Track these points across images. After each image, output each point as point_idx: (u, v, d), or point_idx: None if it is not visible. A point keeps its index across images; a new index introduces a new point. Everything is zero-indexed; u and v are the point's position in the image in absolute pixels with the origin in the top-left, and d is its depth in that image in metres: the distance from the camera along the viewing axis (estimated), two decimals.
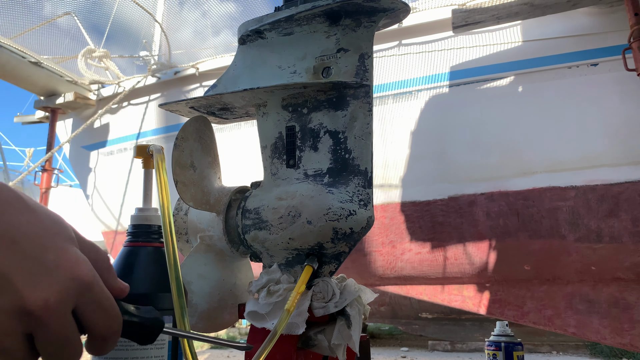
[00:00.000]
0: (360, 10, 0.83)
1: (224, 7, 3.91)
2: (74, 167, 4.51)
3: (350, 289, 0.82)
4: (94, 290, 0.42)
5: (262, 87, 0.86)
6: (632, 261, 2.25)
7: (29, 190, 8.30)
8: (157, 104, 3.69)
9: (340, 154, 0.83)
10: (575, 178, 2.32)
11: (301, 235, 0.80)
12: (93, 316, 0.42)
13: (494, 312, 2.58)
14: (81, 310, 0.42)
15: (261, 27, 0.89)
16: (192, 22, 4.16)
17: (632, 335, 2.25)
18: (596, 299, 2.35)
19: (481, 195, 2.50)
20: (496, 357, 1.31)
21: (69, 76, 4.03)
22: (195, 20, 4.12)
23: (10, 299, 0.37)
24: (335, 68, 0.84)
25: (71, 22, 4.15)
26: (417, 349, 5.71)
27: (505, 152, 2.44)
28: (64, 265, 0.40)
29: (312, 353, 0.82)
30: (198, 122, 0.91)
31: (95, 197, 4.21)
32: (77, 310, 0.41)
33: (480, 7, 2.34)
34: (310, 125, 0.86)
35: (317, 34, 0.87)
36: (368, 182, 0.82)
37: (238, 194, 0.92)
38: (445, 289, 2.75)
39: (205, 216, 0.92)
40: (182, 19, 4.27)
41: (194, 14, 4.13)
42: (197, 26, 4.15)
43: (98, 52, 4.06)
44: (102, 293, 0.43)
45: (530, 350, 5.24)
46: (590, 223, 2.28)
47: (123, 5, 4.16)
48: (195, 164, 0.89)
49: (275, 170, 0.89)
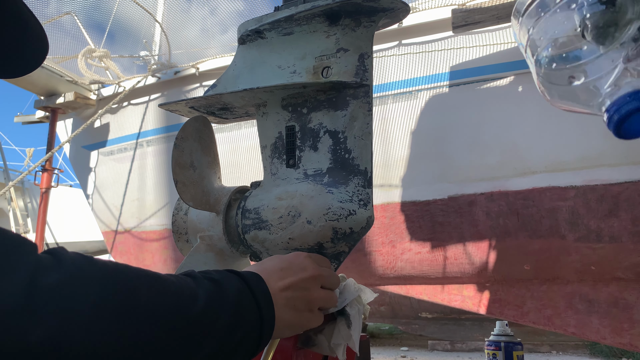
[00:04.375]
0: (360, 10, 0.83)
1: (227, 5, 3.90)
2: (74, 167, 4.51)
3: (350, 288, 0.82)
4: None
5: (261, 87, 0.86)
6: (632, 261, 2.25)
7: (29, 190, 8.30)
8: (157, 104, 3.70)
9: (340, 153, 0.83)
10: (575, 178, 2.32)
11: (301, 235, 0.80)
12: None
13: (494, 311, 2.58)
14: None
15: (261, 27, 0.90)
16: (199, 19, 4.15)
17: (632, 334, 2.25)
18: (596, 299, 2.35)
19: (481, 195, 2.50)
20: (496, 356, 1.31)
21: (69, 76, 4.03)
22: (202, 17, 4.12)
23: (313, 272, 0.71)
24: (335, 68, 0.84)
25: (71, 21, 4.15)
26: (417, 349, 5.71)
27: (505, 152, 2.44)
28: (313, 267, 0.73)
29: (312, 353, 0.83)
30: (198, 122, 0.91)
31: (96, 197, 4.21)
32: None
33: (480, 7, 2.34)
34: (310, 125, 0.86)
35: (317, 33, 0.87)
36: (368, 181, 0.83)
37: (238, 193, 0.93)
38: (445, 289, 2.75)
39: (205, 216, 0.93)
40: (185, 17, 4.26)
41: (201, 11, 4.13)
42: (204, 24, 4.15)
43: (98, 52, 4.06)
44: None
45: (530, 350, 5.24)
46: (590, 223, 2.28)
47: (123, 5, 4.16)
48: (195, 164, 0.89)
49: (275, 170, 0.89)
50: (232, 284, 0.60)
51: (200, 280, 0.58)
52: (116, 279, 0.49)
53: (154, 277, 0.54)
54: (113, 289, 0.48)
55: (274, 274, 0.66)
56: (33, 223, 7.41)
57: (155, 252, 3.90)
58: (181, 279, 0.57)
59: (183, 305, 0.53)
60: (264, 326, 0.61)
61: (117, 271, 0.50)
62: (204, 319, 0.54)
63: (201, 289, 0.56)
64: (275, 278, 0.65)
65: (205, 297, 0.56)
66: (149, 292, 0.51)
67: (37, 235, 4.66)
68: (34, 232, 5.54)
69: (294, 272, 0.68)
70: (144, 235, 3.96)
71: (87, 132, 3.98)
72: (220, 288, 0.58)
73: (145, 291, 0.50)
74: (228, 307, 0.57)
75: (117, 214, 4.07)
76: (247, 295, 0.61)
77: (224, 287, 0.59)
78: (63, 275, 0.45)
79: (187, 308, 0.53)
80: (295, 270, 0.68)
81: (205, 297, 0.56)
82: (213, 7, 3.97)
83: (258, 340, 0.60)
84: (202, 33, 4.23)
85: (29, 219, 7.89)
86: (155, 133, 3.80)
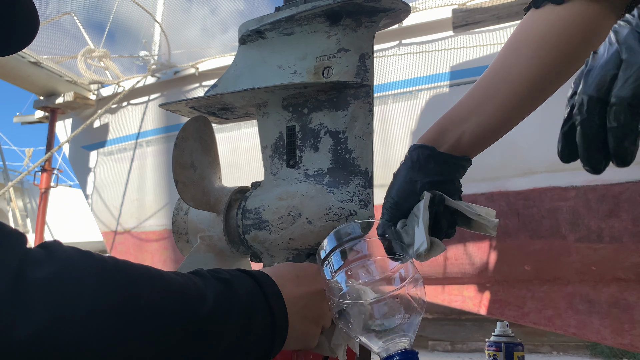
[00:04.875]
0: (361, 10, 0.83)
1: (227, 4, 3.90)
2: (73, 167, 4.51)
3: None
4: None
5: (262, 87, 0.85)
6: (632, 261, 2.25)
7: (28, 190, 8.30)
8: (156, 104, 3.69)
9: (340, 154, 0.83)
10: (576, 178, 2.32)
11: (301, 236, 0.80)
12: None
13: (494, 312, 2.58)
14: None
15: (262, 27, 0.89)
16: (199, 19, 4.15)
17: (633, 335, 2.25)
18: (597, 299, 2.35)
19: (481, 195, 2.49)
20: (496, 357, 1.31)
21: (68, 76, 4.02)
22: (203, 17, 4.12)
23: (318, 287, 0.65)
24: (335, 68, 0.84)
25: (71, 21, 4.15)
26: (417, 349, 5.70)
27: (505, 152, 2.44)
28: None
29: (312, 353, 0.82)
30: (198, 122, 0.91)
31: (95, 197, 4.21)
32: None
33: (480, 6, 2.34)
34: (310, 125, 0.86)
35: (318, 33, 0.86)
36: (369, 182, 0.82)
37: (238, 194, 0.92)
38: (446, 289, 2.75)
39: (206, 216, 0.92)
40: (186, 17, 4.26)
41: (202, 11, 4.13)
42: (204, 24, 4.15)
43: (98, 52, 4.06)
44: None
45: (531, 350, 5.25)
46: (591, 223, 2.28)
47: (122, 5, 4.16)
48: (195, 164, 0.88)
49: (276, 170, 0.89)
50: (244, 285, 0.56)
51: (209, 279, 0.55)
52: (115, 276, 0.46)
53: (157, 274, 0.50)
54: (111, 286, 0.45)
55: (289, 280, 0.62)
56: (32, 223, 7.41)
57: (154, 252, 3.90)
58: (188, 277, 0.53)
59: (189, 305, 0.49)
60: (277, 333, 0.57)
61: (117, 267, 0.47)
62: (212, 320, 0.51)
63: (210, 289, 0.53)
64: (291, 284, 0.62)
65: (214, 298, 0.52)
66: (151, 290, 0.47)
67: (36, 236, 4.66)
68: (33, 232, 5.54)
69: (308, 282, 0.64)
70: (144, 236, 3.95)
71: (86, 132, 3.97)
72: (230, 288, 0.55)
73: (148, 289, 0.47)
74: (238, 308, 0.54)
75: (116, 215, 4.07)
76: (260, 298, 0.57)
77: (235, 288, 0.55)
78: (54, 269, 0.43)
79: (194, 308, 0.50)
80: (310, 280, 0.64)
81: (214, 297, 0.52)
82: (214, 6, 3.97)
83: (270, 347, 0.57)
84: (202, 33, 4.23)
85: (28, 219, 7.89)
86: (154, 133, 3.80)
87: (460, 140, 0.71)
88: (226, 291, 0.54)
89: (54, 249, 0.46)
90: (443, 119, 0.73)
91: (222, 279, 0.56)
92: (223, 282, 0.55)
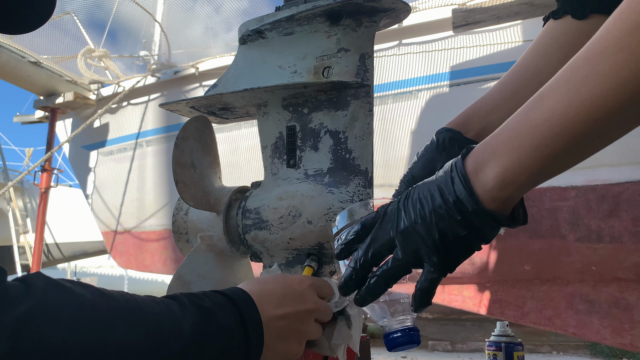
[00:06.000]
0: (361, 10, 0.83)
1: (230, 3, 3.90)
2: (73, 167, 4.51)
3: None
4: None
5: (262, 87, 0.85)
6: (632, 261, 2.25)
7: (28, 190, 8.29)
8: (157, 104, 3.69)
9: (340, 153, 0.83)
10: (576, 178, 2.32)
11: (302, 235, 0.80)
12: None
13: (494, 312, 2.58)
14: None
15: (262, 26, 0.89)
16: (201, 18, 4.15)
17: (633, 335, 2.25)
18: (596, 299, 2.35)
19: None
20: (496, 357, 1.31)
21: (68, 76, 4.03)
22: (205, 16, 4.12)
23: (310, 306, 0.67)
24: (335, 68, 0.84)
25: (71, 21, 4.15)
26: (417, 349, 5.71)
27: None
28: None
29: (312, 353, 0.82)
30: (198, 121, 0.91)
31: (95, 197, 4.21)
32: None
33: (480, 6, 2.34)
34: (310, 125, 0.86)
35: (318, 33, 0.86)
36: (369, 182, 0.82)
37: (238, 193, 0.92)
38: (446, 289, 2.75)
39: (206, 216, 0.92)
40: (187, 16, 4.26)
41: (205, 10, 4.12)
42: (207, 23, 4.14)
43: (98, 52, 4.06)
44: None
45: (531, 350, 5.25)
46: (591, 223, 2.28)
47: (123, 5, 4.16)
48: (195, 164, 0.88)
49: (276, 170, 0.89)
50: (224, 314, 0.57)
51: (188, 308, 0.55)
52: (89, 315, 0.46)
53: (134, 308, 0.50)
54: (85, 325, 0.45)
55: (272, 300, 0.63)
56: (32, 223, 7.40)
57: (154, 252, 3.90)
58: (166, 306, 0.53)
59: (163, 343, 0.50)
60: (251, 357, 0.58)
61: (93, 304, 0.47)
62: (185, 357, 0.51)
63: (187, 320, 0.53)
64: (273, 305, 0.63)
65: (190, 329, 0.52)
66: (125, 329, 0.48)
67: (36, 236, 4.66)
68: (33, 232, 5.53)
69: (293, 302, 0.65)
70: (144, 236, 3.95)
71: (86, 132, 3.97)
72: (208, 320, 0.55)
73: (122, 328, 0.47)
74: (214, 342, 0.54)
75: (116, 214, 4.07)
76: (238, 328, 0.57)
77: (212, 318, 0.55)
78: (28, 305, 0.43)
79: (168, 345, 0.50)
80: (296, 300, 0.66)
81: (190, 329, 0.52)
82: (217, 5, 3.97)
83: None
84: (203, 32, 4.23)
85: (28, 219, 7.88)
86: (154, 133, 3.80)
87: (486, 129, 0.74)
88: (204, 323, 0.54)
89: (32, 284, 0.45)
90: (471, 108, 0.76)
91: (203, 307, 0.56)
92: (202, 312, 0.55)
